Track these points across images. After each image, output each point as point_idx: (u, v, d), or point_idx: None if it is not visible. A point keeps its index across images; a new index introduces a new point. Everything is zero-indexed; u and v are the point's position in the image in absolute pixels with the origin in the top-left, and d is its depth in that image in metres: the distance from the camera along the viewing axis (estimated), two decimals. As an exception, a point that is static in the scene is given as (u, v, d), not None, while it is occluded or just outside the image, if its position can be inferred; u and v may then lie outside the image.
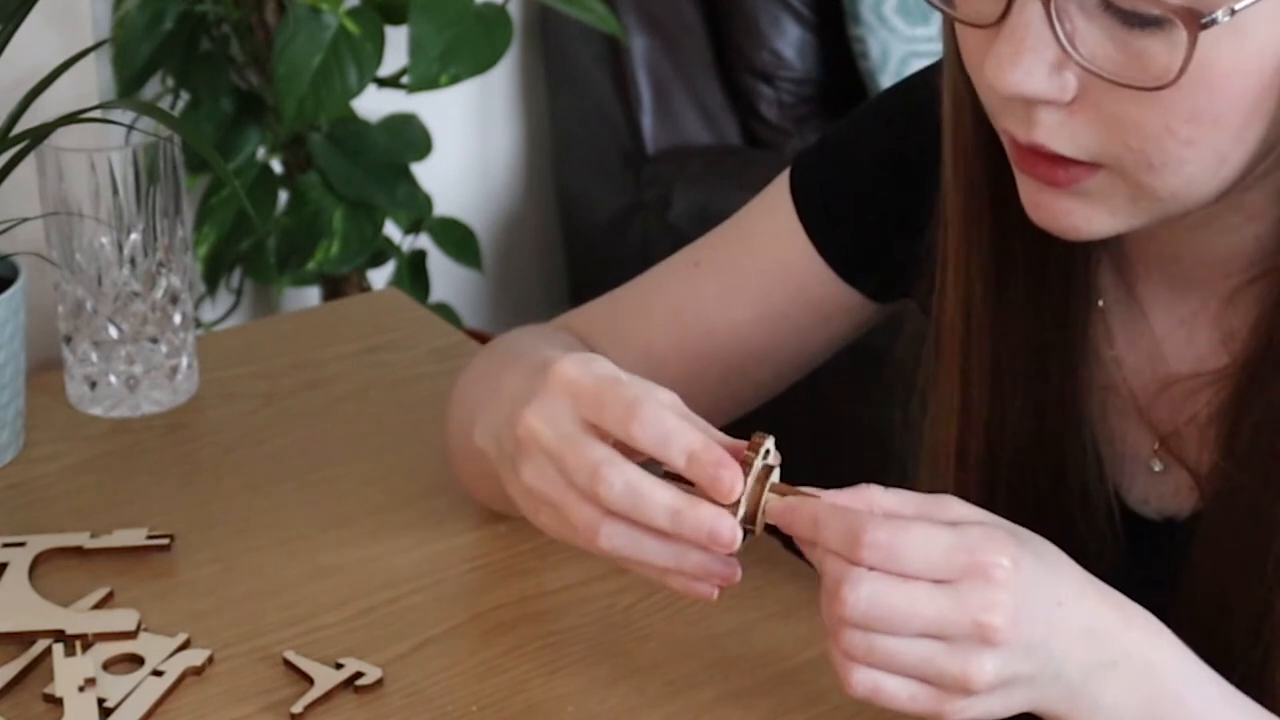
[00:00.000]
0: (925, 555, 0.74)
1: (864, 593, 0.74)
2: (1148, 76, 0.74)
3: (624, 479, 0.78)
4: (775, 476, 0.80)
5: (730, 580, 0.80)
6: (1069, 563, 0.79)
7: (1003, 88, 0.76)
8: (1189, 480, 0.91)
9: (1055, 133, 0.78)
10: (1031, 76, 0.76)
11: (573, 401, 0.81)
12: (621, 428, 0.79)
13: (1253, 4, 0.72)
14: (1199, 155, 0.77)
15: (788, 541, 1.05)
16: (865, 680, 0.76)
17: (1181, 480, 0.91)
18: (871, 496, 0.78)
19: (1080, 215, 0.81)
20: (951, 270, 0.91)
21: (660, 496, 0.78)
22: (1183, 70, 0.73)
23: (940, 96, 0.90)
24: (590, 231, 2.41)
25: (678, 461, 0.78)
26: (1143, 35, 0.74)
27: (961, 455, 0.94)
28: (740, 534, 0.79)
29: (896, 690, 0.76)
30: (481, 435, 0.89)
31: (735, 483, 0.78)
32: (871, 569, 0.75)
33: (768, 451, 0.80)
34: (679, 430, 0.79)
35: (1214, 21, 0.72)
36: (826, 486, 0.80)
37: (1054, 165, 0.80)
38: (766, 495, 0.79)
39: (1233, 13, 0.72)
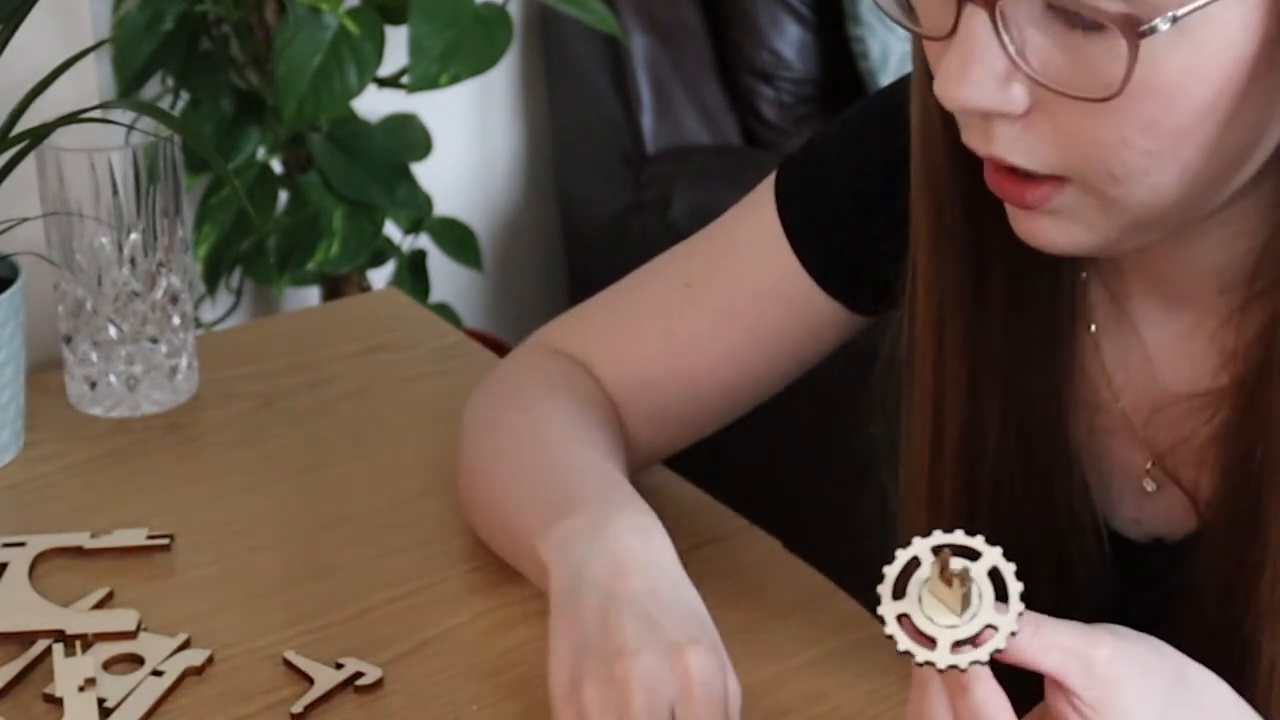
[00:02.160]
0: None
1: None
2: (1096, 86, 0.72)
3: None
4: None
5: None
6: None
7: (950, 101, 0.75)
8: (1183, 501, 0.90)
9: (1013, 146, 0.77)
10: (980, 89, 0.74)
11: (678, 696, 0.82)
12: None
13: (1198, 9, 0.70)
14: (1161, 165, 0.75)
15: (787, 542, 1.06)
16: None
17: (1175, 500, 0.90)
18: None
19: (1058, 232, 0.80)
20: (922, 288, 0.90)
21: None
22: (1126, 80, 0.71)
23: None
24: (590, 231, 2.41)
25: None
26: (1088, 42, 0.72)
27: (935, 478, 0.92)
28: None
29: None
30: (551, 553, 0.90)
31: None
32: None
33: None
34: None
35: (1154, 30, 0.70)
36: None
37: (1021, 187, 0.78)
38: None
39: (1174, 20, 0.70)
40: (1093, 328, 0.91)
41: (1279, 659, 0.82)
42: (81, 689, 0.90)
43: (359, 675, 0.93)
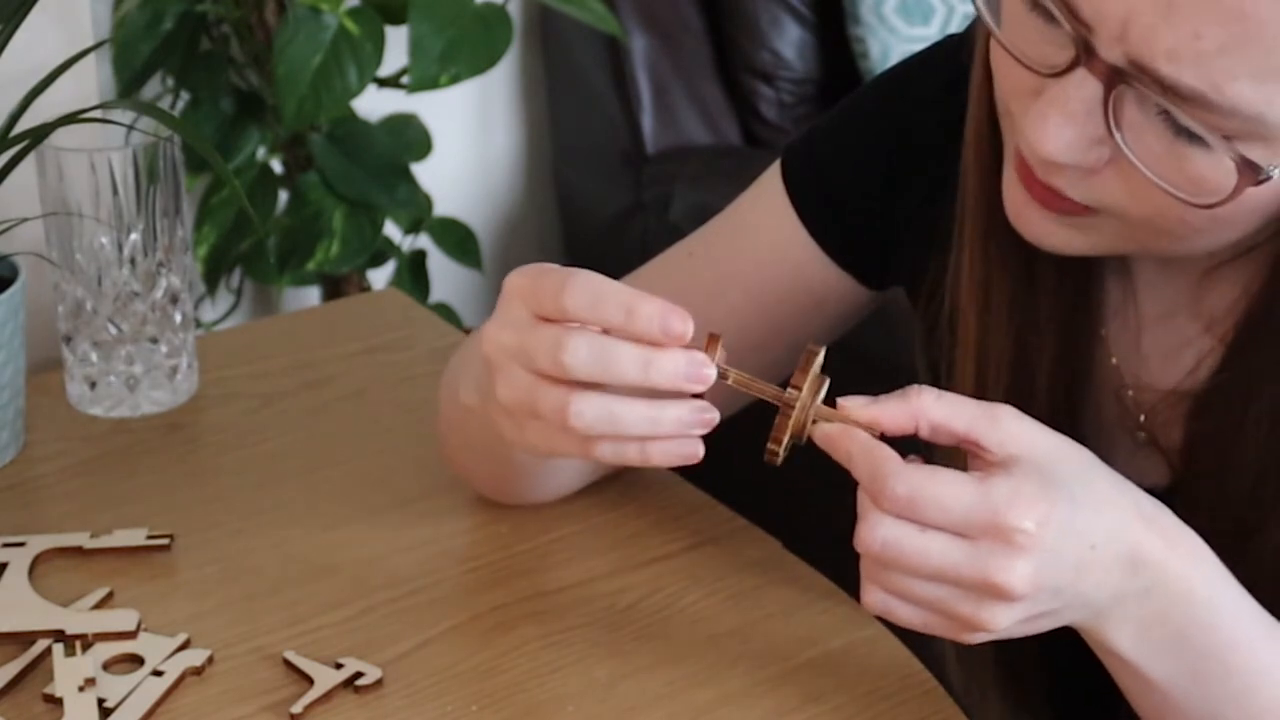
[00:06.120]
0: (944, 513, 0.74)
1: (879, 536, 0.75)
2: (1184, 184, 0.74)
3: (586, 342, 0.78)
4: (824, 390, 0.80)
5: (709, 424, 0.80)
6: (1113, 495, 0.78)
7: (1041, 152, 0.76)
8: (1163, 454, 0.92)
9: (1073, 186, 0.79)
10: (1070, 150, 0.76)
11: (522, 302, 0.81)
12: (555, 302, 0.79)
13: None
14: (1204, 239, 0.79)
15: (787, 542, 1.06)
16: (879, 602, 0.77)
17: (1158, 454, 0.92)
18: (922, 405, 0.77)
19: (1061, 238, 0.82)
20: (969, 250, 0.91)
21: (627, 350, 0.78)
22: (1225, 202, 0.74)
23: (922, 81, 0.92)
24: (590, 231, 2.41)
25: (615, 317, 0.78)
26: (1193, 151, 0.74)
27: None
28: (714, 372, 0.79)
29: (910, 616, 0.77)
30: (466, 392, 0.89)
31: (685, 325, 0.77)
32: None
33: (819, 366, 0.80)
34: (612, 288, 0.78)
35: (1269, 178, 0.73)
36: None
37: (1060, 201, 0.80)
38: (814, 411, 0.79)
39: None
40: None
41: None
42: (81, 689, 0.91)
43: (359, 675, 0.93)
